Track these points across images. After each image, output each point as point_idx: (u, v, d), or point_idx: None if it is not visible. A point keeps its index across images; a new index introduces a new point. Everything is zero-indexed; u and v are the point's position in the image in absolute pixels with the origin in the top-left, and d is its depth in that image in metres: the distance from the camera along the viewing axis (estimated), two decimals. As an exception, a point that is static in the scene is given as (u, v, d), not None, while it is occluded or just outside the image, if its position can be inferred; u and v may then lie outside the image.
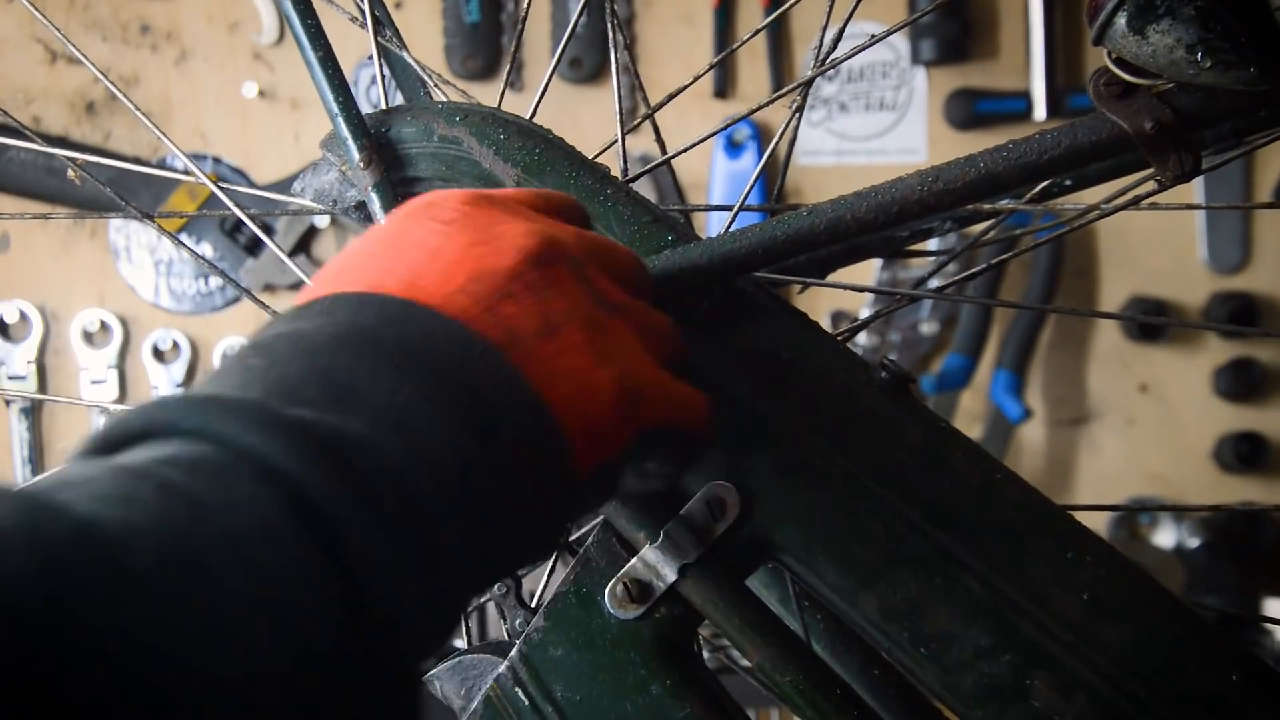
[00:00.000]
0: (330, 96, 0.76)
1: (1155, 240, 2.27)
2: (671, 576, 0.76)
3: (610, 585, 0.77)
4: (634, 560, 0.77)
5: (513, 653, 0.79)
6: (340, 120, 0.76)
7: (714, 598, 0.76)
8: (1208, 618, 0.76)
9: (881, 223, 0.72)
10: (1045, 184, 0.87)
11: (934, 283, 0.98)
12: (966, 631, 0.75)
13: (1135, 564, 0.76)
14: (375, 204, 0.76)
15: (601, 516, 0.78)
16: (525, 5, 0.80)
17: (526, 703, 0.78)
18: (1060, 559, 0.75)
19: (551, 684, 0.78)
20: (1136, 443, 2.31)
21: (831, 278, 0.92)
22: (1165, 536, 2.24)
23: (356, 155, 0.76)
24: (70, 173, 0.81)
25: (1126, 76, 0.70)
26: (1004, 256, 0.93)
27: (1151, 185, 0.76)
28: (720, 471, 0.78)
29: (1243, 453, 2.25)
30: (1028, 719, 0.75)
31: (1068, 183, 0.88)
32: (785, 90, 0.83)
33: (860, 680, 0.89)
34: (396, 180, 0.77)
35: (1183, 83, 0.69)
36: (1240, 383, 2.25)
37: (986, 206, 0.84)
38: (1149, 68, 0.68)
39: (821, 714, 0.75)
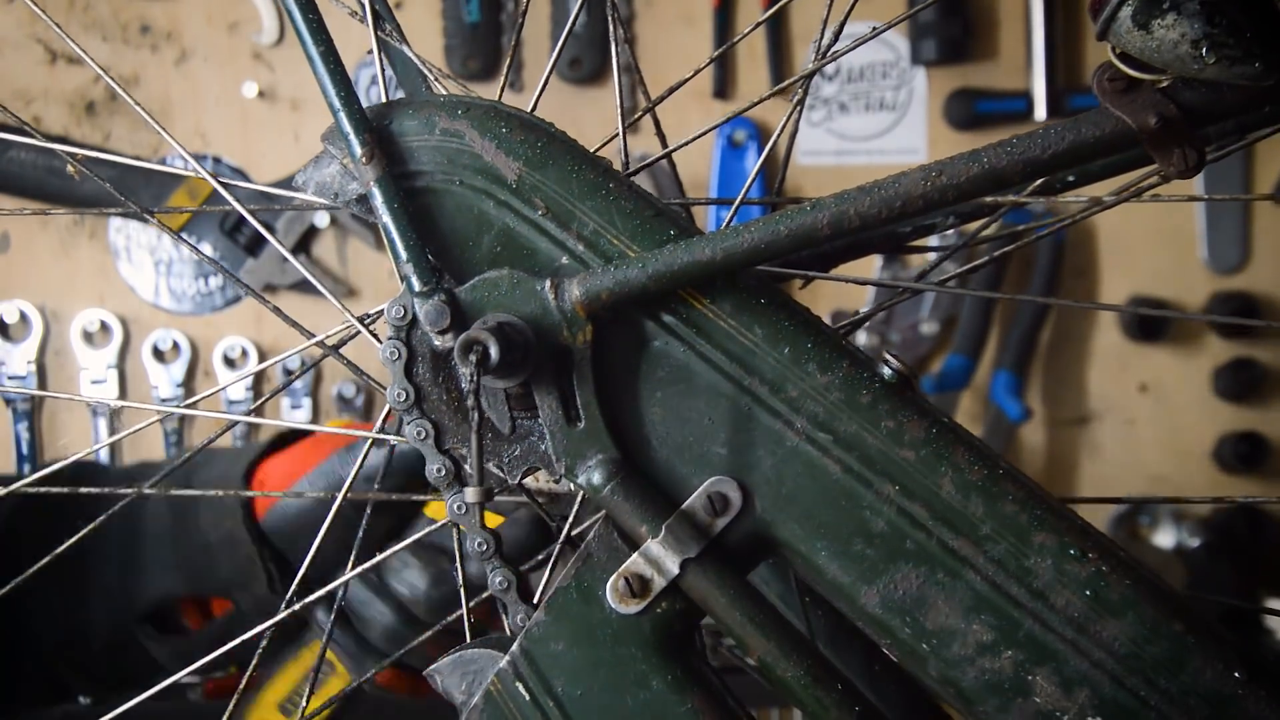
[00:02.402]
0: (332, 91, 0.75)
1: (1155, 240, 2.27)
2: (673, 571, 0.76)
3: (611, 580, 0.77)
4: (635, 555, 0.77)
5: (514, 647, 0.78)
6: (342, 115, 0.76)
7: (715, 593, 0.76)
8: (1210, 614, 0.76)
9: (884, 218, 0.72)
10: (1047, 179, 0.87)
11: (934, 277, 0.98)
12: (968, 627, 0.75)
13: (1137, 560, 0.76)
14: (378, 199, 0.76)
15: (603, 511, 0.78)
16: (523, 5, 0.80)
17: (527, 697, 0.78)
18: (1062, 555, 0.74)
19: (552, 679, 0.78)
20: (1136, 443, 2.31)
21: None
22: (1165, 536, 2.24)
23: (359, 150, 0.75)
24: (70, 168, 0.81)
25: (1130, 71, 0.69)
26: (1005, 249, 0.93)
27: (1153, 179, 0.75)
28: (722, 467, 0.77)
29: (1243, 453, 2.25)
30: (1029, 715, 0.75)
31: (1070, 178, 0.88)
32: (787, 83, 0.83)
33: (862, 675, 0.89)
34: (397, 174, 0.77)
35: (1187, 78, 0.68)
36: (1240, 383, 2.25)
37: (988, 200, 0.84)
38: (1153, 63, 0.68)
39: (823, 709, 0.75)
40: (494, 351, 0.72)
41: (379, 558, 0.87)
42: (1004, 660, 0.75)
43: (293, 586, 0.86)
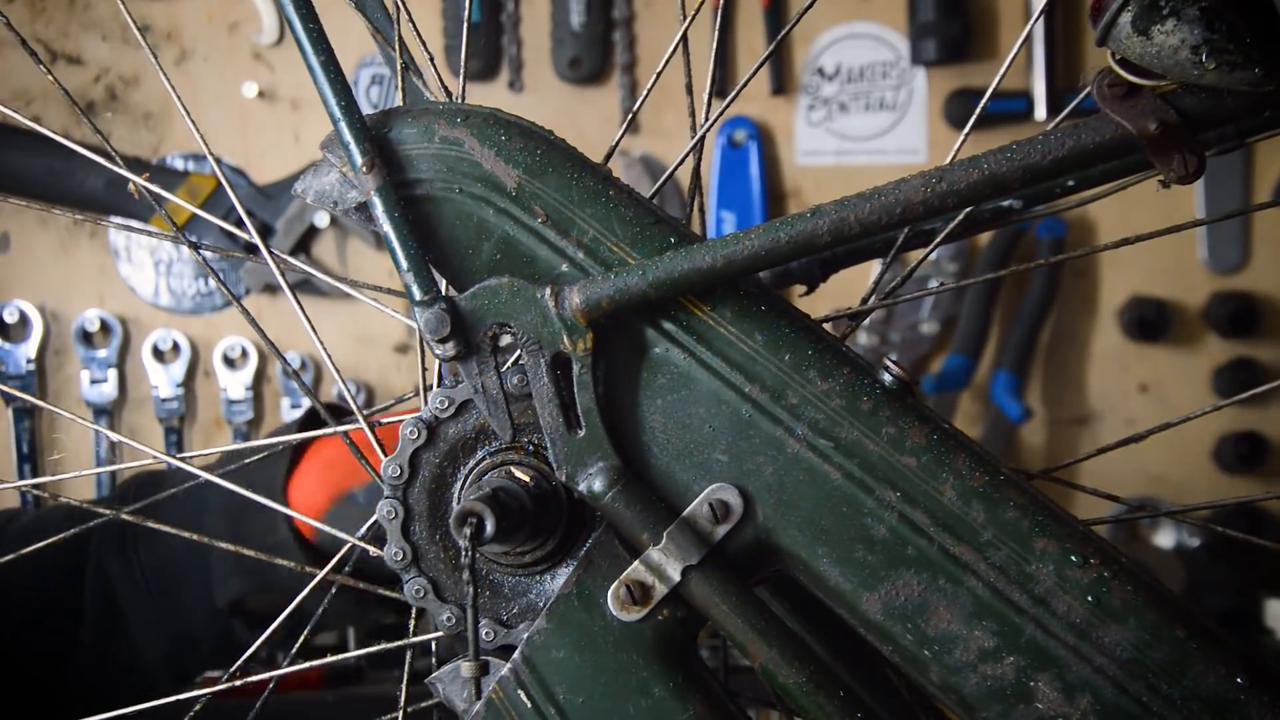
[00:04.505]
0: (332, 100, 0.75)
1: (1155, 240, 2.27)
2: (674, 579, 0.76)
3: (613, 587, 0.77)
4: (636, 562, 0.77)
5: (515, 655, 0.78)
6: (342, 124, 0.75)
7: (717, 600, 0.76)
8: (1211, 619, 0.76)
9: (885, 224, 0.72)
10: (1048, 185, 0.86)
11: (933, 282, 0.98)
12: (970, 633, 0.75)
13: (1139, 565, 0.76)
14: (378, 208, 0.76)
15: (604, 519, 0.78)
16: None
17: (529, 705, 0.78)
18: (1064, 561, 0.74)
19: (554, 686, 0.78)
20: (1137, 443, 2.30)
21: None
22: (1165, 537, 2.24)
23: (359, 159, 0.75)
24: (131, 188, 0.84)
25: (1130, 77, 0.69)
26: (1000, 272, 0.93)
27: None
28: (723, 474, 0.77)
29: (1243, 453, 2.24)
30: (1031, 721, 0.75)
31: (1070, 184, 0.88)
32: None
33: (863, 682, 0.89)
34: (397, 182, 0.77)
35: (1187, 83, 0.68)
36: (1240, 383, 2.24)
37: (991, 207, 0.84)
38: (1153, 68, 0.68)
39: (825, 715, 0.75)
40: (489, 525, 0.73)
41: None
42: (1006, 666, 0.75)
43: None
